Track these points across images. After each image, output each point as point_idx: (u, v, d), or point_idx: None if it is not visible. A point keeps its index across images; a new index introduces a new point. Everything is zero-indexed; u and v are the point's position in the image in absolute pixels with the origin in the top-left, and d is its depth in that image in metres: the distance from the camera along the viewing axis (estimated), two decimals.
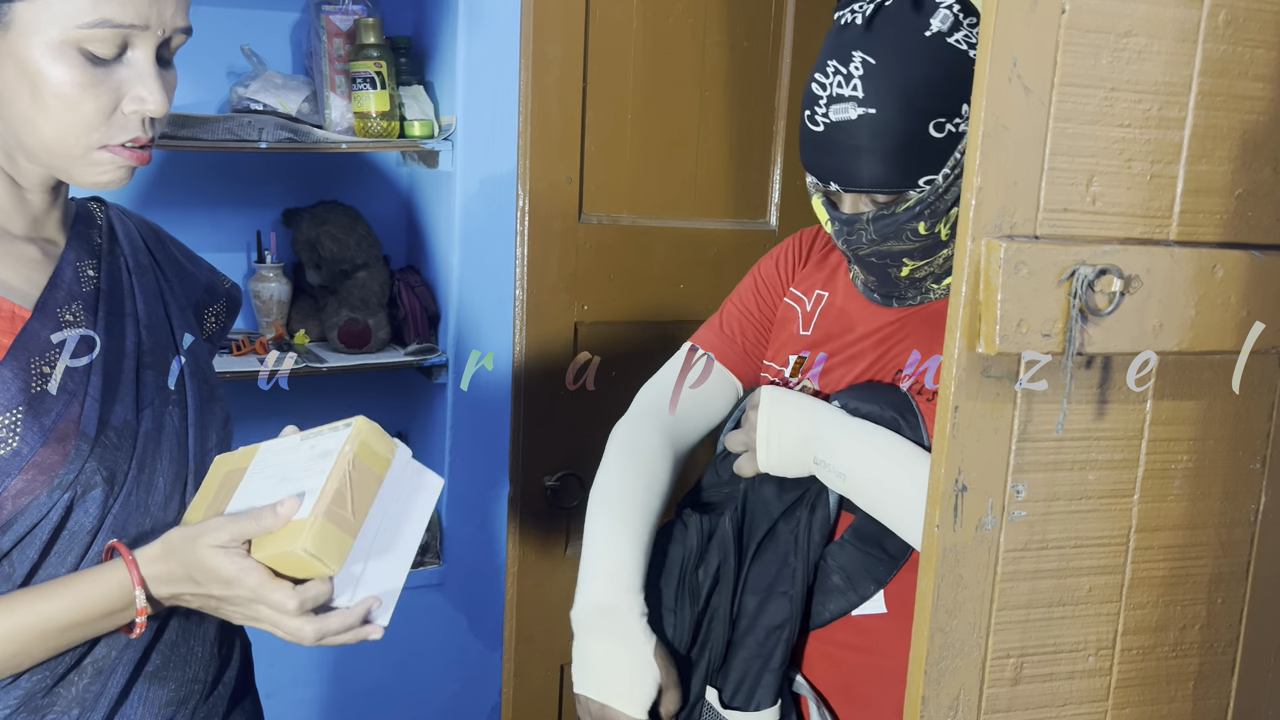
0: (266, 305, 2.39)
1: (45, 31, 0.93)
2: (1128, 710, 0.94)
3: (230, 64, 2.35)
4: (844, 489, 1.18)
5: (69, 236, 1.08)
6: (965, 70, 1.10)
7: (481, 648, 2.49)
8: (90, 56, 0.95)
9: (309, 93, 2.33)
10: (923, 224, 1.14)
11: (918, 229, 1.15)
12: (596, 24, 1.82)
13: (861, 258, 1.21)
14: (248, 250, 2.45)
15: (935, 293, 1.24)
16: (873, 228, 1.16)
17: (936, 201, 1.13)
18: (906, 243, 1.16)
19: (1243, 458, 0.94)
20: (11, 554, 0.97)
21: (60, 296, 1.02)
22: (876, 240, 1.17)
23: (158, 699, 1.06)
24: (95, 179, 1.01)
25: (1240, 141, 0.87)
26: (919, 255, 1.18)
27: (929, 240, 1.16)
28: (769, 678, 1.23)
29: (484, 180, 2.28)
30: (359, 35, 2.24)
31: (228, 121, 2.16)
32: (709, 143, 1.96)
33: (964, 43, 1.11)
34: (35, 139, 0.97)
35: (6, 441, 0.94)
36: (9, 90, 0.96)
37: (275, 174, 2.47)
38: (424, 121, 2.30)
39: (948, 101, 1.11)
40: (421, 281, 2.48)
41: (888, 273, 1.22)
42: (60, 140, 0.97)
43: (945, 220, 1.15)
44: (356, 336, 2.36)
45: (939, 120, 1.11)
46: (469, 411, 2.37)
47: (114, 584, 0.96)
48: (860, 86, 1.11)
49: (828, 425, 1.19)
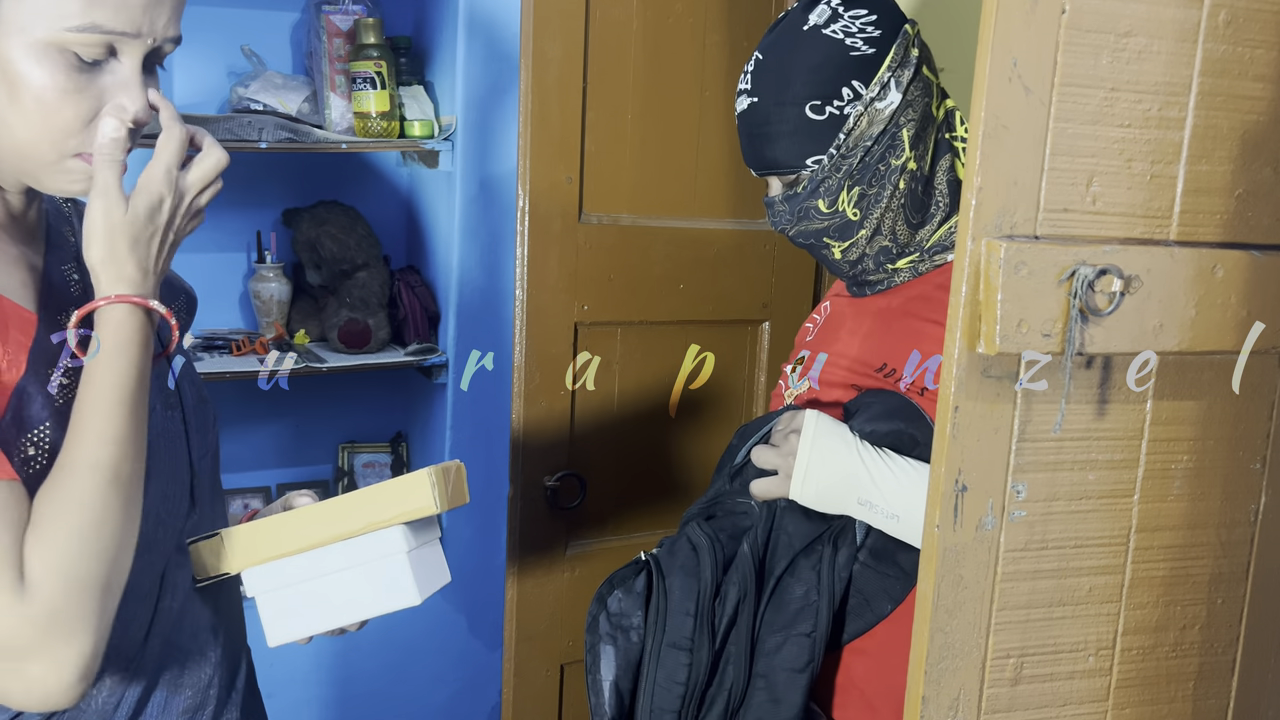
0: (266, 305, 2.39)
1: (30, 31, 0.89)
2: (1128, 710, 0.94)
3: (230, 64, 2.35)
4: (897, 531, 1.17)
5: (48, 236, 1.03)
6: (842, 57, 1.22)
7: (481, 648, 2.49)
8: (75, 61, 0.91)
9: (309, 93, 2.33)
10: (822, 202, 1.25)
11: (819, 207, 1.25)
12: (596, 24, 1.82)
13: (793, 239, 1.32)
14: (248, 250, 2.45)
15: (899, 275, 1.30)
16: (786, 207, 1.29)
17: (827, 179, 1.24)
18: (816, 221, 1.27)
19: (1243, 458, 0.94)
20: None
21: (56, 302, 0.98)
22: (792, 219, 1.29)
23: (175, 707, 1.05)
24: (65, 186, 0.96)
25: (1240, 141, 0.87)
26: (836, 235, 1.28)
27: (837, 219, 1.26)
28: (789, 711, 1.21)
29: (484, 180, 2.28)
30: (359, 35, 2.24)
31: (228, 121, 2.16)
32: (709, 143, 1.96)
33: (840, 32, 1.22)
34: (8, 141, 0.93)
35: (37, 460, 0.90)
36: None
37: (275, 174, 2.47)
38: (424, 121, 2.30)
39: (825, 87, 1.22)
40: (421, 281, 2.48)
41: (824, 255, 1.32)
42: (34, 146, 0.93)
43: (846, 199, 1.24)
44: (356, 336, 2.36)
45: (815, 103, 1.22)
46: (469, 411, 2.37)
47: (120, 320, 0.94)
48: (751, 80, 1.27)
49: (875, 465, 1.17)
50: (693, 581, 1.23)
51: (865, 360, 1.29)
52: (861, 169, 1.22)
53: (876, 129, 1.21)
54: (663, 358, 1.96)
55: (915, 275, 1.29)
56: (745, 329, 2.05)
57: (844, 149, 1.22)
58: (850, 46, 1.22)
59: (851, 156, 1.22)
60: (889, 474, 1.16)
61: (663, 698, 1.22)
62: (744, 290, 2.01)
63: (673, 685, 1.22)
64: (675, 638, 1.22)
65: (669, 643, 1.23)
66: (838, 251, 1.29)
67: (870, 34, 1.21)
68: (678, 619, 1.22)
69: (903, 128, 1.22)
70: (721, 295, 1.99)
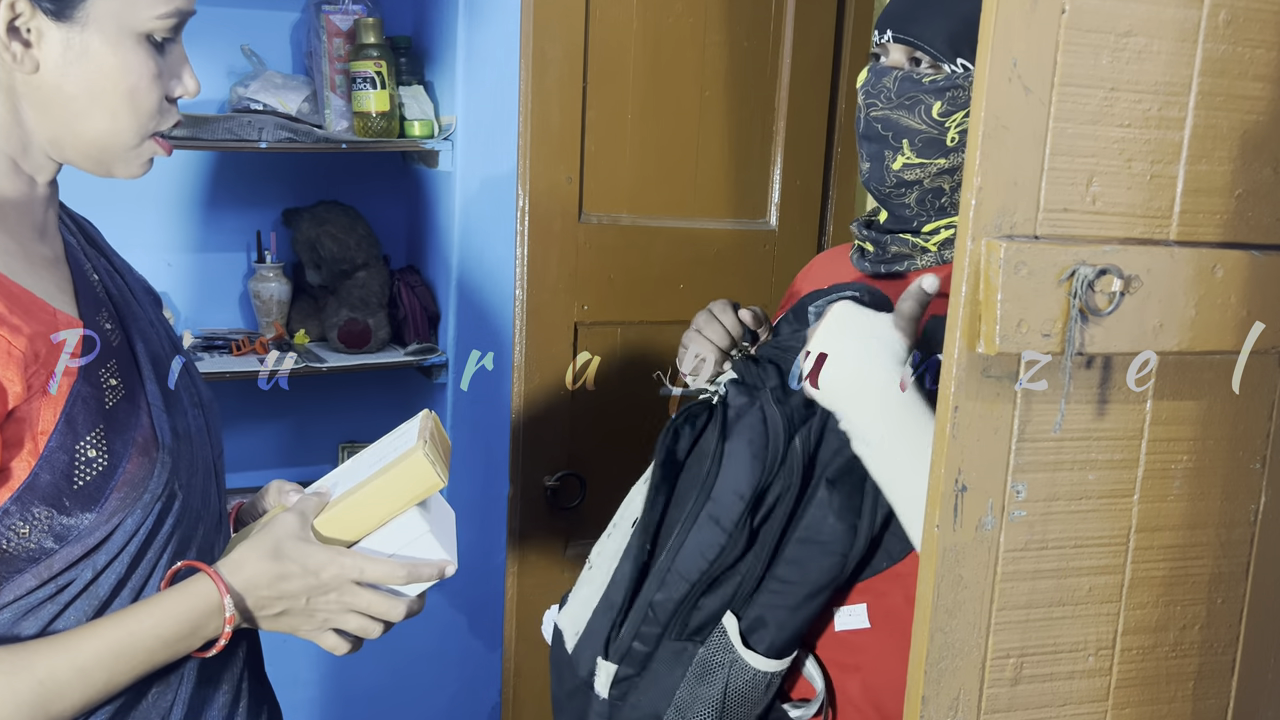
0: (266, 305, 2.39)
1: (125, 23, 0.93)
2: (1128, 710, 0.94)
3: (230, 64, 2.35)
4: (865, 453, 1.11)
5: (63, 237, 1.04)
6: None
7: (481, 648, 2.49)
8: (153, 46, 0.95)
9: (309, 93, 2.33)
10: (939, 105, 1.19)
11: (932, 110, 1.20)
12: (596, 24, 1.82)
13: (870, 120, 1.24)
14: (248, 250, 2.45)
15: (925, 258, 1.25)
16: (897, 84, 1.21)
17: (958, 91, 1.19)
18: (916, 119, 1.21)
19: (1243, 458, 0.94)
20: (99, 577, 0.94)
21: (89, 303, 0.98)
22: (893, 99, 1.21)
23: (216, 703, 1.06)
24: (132, 170, 1.00)
25: (1240, 141, 0.87)
26: (919, 145, 1.21)
27: (935, 132, 1.20)
28: (795, 632, 1.19)
29: (484, 180, 2.28)
30: (359, 35, 2.24)
31: (228, 121, 2.16)
32: (709, 143, 1.96)
33: None
34: (89, 134, 0.95)
35: (97, 462, 0.91)
36: (73, 85, 0.93)
37: (275, 174, 2.47)
38: (424, 121, 2.30)
39: None
40: (421, 281, 2.48)
41: (882, 155, 1.24)
42: (119, 134, 0.96)
43: (955, 120, 1.19)
44: (356, 336, 2.36)
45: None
46: (469, 411, 2.37)
47: (199, 596, 0.95)
48: None
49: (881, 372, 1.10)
50: (757, 465, 1.17)
51: None
52: None
53: None
54: (663, 358, 1.96)
55: (940, 262, 1.25)
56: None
57: None
58: None
59: None
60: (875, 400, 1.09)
61: (685, 564, 1.19)
62: (744, 290, 2.01)
63: (698, 557, 1.18)
64: (719, 513, 1.17)
65: (711, 514, 1.18)
66: (901, 162, 1.23)
67: None
68: (729, 498, 1.17)
69: None
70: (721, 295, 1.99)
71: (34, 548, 0.90)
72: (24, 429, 0.88)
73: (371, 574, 1.00)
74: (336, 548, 1.01)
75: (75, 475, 0.90)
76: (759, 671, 1.19)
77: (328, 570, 0.99)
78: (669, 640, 1.21)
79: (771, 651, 1.19)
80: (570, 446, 1.90)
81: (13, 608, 0.91)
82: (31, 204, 0.98)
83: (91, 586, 0.94)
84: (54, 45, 0.92)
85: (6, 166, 0.96)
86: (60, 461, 0.89)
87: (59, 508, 0.89)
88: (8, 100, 0.94)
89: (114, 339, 0.97)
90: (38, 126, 0.96)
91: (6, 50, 0.91)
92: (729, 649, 1.19)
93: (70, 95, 0.94)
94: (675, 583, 1.19)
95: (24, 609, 0.91)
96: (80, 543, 0.92)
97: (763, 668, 1.19)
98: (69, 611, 0.93)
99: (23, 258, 0.95)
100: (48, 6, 0.91)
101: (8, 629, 0.91)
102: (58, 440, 0.89)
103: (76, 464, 0.90)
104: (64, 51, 0.92)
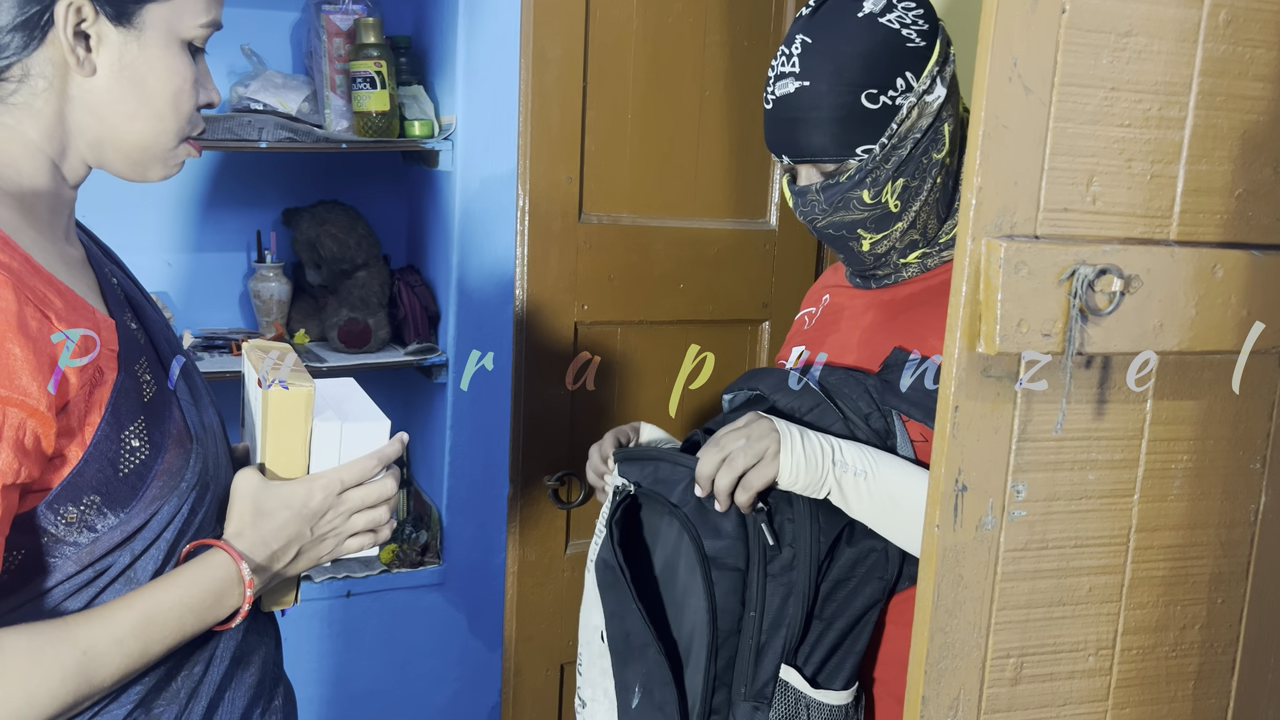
0: (266, 305, 2.39)
1: (175, 30, 0.98)
2: (1128, 710, 0.94)
3: (230, 64, 2.36)
4: (869, 489, 1.16)
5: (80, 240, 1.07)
6: (898, 47, 1.21)
7: (481, 648, 2.49)
8: (191, 54, 1.01)
9: (309, 93, 2.33)
10: (866, 192, 1.23)
11: (863, 198, 1.24)
12: (596, 24, 1.82)
13: (821, 230, 1.29)
14: (248, 250, 2.45)
15: (909, 270, 1.30)
16: (822, 197, 1.26)
17: (876, 170, 1.22)
18: (855, 212, 1.25)
19: (1243, 458, 0.94)
20: (136, 562, 0.98)
21: (115, 303, 1.02)
22: (827, 209, 1.26)
23: (245, 682, 1.09)
24: (168, 171, 1.05)
25: (1240, 141, 0.87)
26: (873, 227, 1.26)
27: (877, 210, 1.25)
28: (854, 659, 1.24)
29: (484, 180, 2.28)
30: (359, 35, 2.24)
31: (228, 121, 2.16)
32: (709, 143, 1.96)
33: (896, 22, 1.21)
34: (131, 139, 0.99)
35: (139, 451, 0.95)
36: (126, 88, 0.98)
37: (275, 174, 2.47)
38: (424, 121, 2.30)
39: (880, 75, 1.20)
40: (421, 281, 2.48)
41: (850, 247, 1.30)
42: (160, 137, 1.01)
43: (890, 190, 1.23)
44: (356, 336, 2.36)
45: (871, 92, 1.20)
46: (469, 411, 2.37)
47: (218, 566, 0.99)
48: (798, 63, 1.23)
49: (826, 437, 1.19)
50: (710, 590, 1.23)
51: (866, 359, 1.29)
52: (908, 161, 1.22)
53: (925, 122, 1.21)
54: (663, 358, 1.96)
55: (923, 270, 1.30)
56: (745, 329, 2.05)
57: (895, 139, 1.21)
58: (906, 38, 1.21)
59: (901, 148, 1.21)
60: (840, 442, 1.18)
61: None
62: (744, 290, 2.01)
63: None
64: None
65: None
66: (868, 243, 1.27)
67: (921, 26, 1.22)
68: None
69: (944, 122, 1.22)
70: (721, 295, 1.99)
71: (78, 533, 0.93)
72: (75, 419, 0.92)
73: (348, 476, 1.06)
74: (305, 477, 1.06)
75: (120, 464, 0.94)
76: (835, 706, 1.23)
77: (315, 498, 1.04)
78: (740, 702, 1.24)
79: (839, 683, 1.24)
80: (570, 446, 1.89)
81: (55, 591, 0.94)
82: (62, 206, 1.02)
83: (128, 571, 0.97)
84: (112, 49, 0.97)
85: (46, 168, 0.99)
86: (108, 450, 0.93)
87: (105, 495, 0.93)
88: (57, 103, 0.97)
89: (140, 337, 1.01)
90: (83, 130, 0.99)
91: (72, 54, 0.95)
92: (800, 697, 1.23)
93: (121, 98, 0.98)
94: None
95: (67, 591, 0.94)
96: (121, 529, 0.95)
97: (838, 701, 1.23)
98: (105, 595, 0.97)
99: (59, 258, 0.98)
100: (109, 11, 0.95)
101: (52, 610, 0.95)
102: (105, 430, 0.93)
103: (122, 453, 0.94)
104: (121, 55, 0.97)
